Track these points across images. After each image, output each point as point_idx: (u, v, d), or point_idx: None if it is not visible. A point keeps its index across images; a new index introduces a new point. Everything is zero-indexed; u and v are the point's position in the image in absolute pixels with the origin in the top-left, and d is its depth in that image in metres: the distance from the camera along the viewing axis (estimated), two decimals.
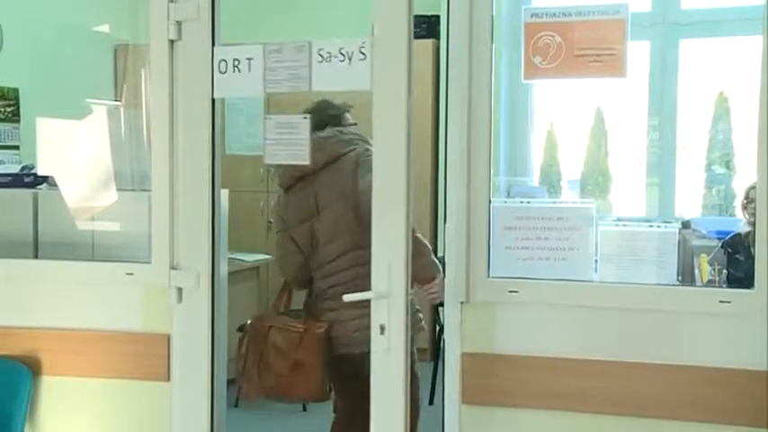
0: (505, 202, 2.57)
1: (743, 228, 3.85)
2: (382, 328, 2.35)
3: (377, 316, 2.36)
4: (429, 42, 6.05)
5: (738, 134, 5.72)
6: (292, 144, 2.53)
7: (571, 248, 2.52)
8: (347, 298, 2.39)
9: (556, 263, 2.53)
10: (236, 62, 2.52)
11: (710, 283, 3.12)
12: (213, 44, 2.60)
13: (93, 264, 2.90)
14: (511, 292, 2.51)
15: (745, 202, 3.90)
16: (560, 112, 5.57)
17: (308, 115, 2.57)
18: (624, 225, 2.56)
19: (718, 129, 5.79)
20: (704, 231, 3.48)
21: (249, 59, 2.50)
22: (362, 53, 2.36)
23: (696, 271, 2.93)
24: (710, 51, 5.00)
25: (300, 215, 3.14)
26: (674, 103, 4.53)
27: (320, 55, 2.42)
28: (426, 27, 6.07)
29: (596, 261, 2.52)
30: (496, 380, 2.52)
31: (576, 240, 2.51)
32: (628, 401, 2.44)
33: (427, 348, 5.49)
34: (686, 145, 5.35)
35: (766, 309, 2.32)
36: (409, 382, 2.37)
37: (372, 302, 2.35)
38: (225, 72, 2.54)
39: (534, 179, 5.26)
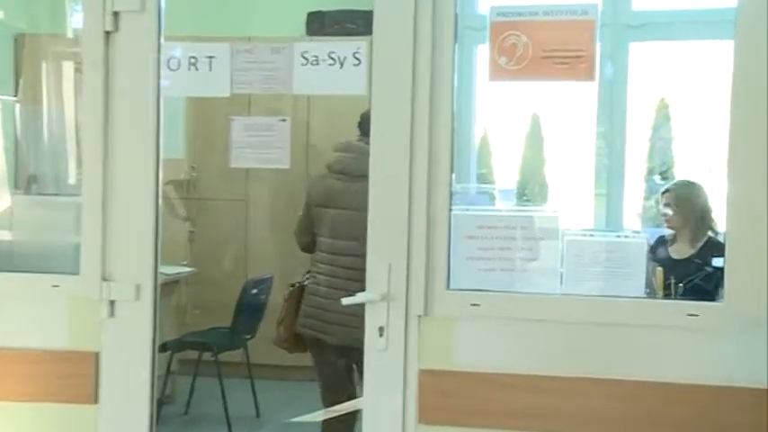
0: (467, 210, 2.57)
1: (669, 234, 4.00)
2: (381, 330, 2.44)
3: (375, 318, 2.45)
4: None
5: (679, 143, 5.89)
6: (268, 147, 2.53)
7: (535, 259, 2.55)
8: (345, 302, 2.49)
9: (519, 274, 2.56)
10: (193, 60, 2.51)
11: (667, 296, 3.21)
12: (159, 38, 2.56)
13: (13, 275, 2.81)
14: (472, 305, 2.53)
15: (664, 206, 4.05)
16: (496, 116, 5.64)
17: (287, 118, 2.60)
18: (591, 235, 2.60)
19: (658, 137, 5.96)
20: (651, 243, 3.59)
21: (210, 58, 2.50)
22: (357, 58, 2.47)
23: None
24: (658, 55, 5.14)
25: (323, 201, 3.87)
26: (624, 109, 4.64)
27: (304, 58, 2.46)
28: (363, 23, 6.06)
29: (561, 273, 2.55)
30: (455, 398, 2.53)
31: (540, 251, 2.55)
32: (593, 420, 2.48)
33: None
34: (634, 153, 5.48)
35: (735, 322, 2.37)
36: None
37: (368, 304, 2.44)
38: (177, 69, 2.52)
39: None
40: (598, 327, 2.48)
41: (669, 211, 4.03)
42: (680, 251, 3.98)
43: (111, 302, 2.66)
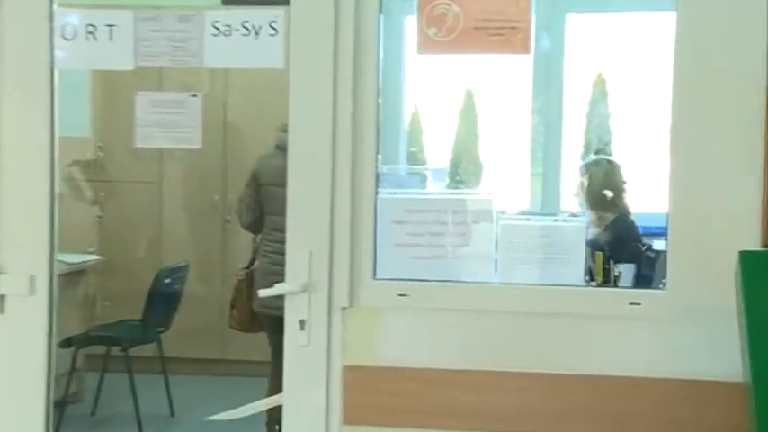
0: (395, 193, 2.52)
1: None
2: (302, 324, 2.41)
3: (295, 310, 2.42)
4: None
5: (616, 119, 5.91)
6: (178, 125, 2.45)
7: (468, 246, 2.52)
8: (262, 293, 2.48)
9: (451, 262, 2.52)
10: (92, 28, 2.40)
11: (605, 282, 3.20)
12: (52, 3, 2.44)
13: None
14: (400, 295, 2.49)
15: (580, 183, 4.10)
16: (427, 92, 5.59)
17: (197, 93, 2.52)
18: (527, 219, 2.57)
19: (594, 113, 5.96)
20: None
21: (111, 26, 2.39)
22: (273, 28, 2.38)
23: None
24: (595, 27, 5.13)
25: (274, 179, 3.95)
26: (560, 84, 4.61)
27: (216, 27, 2.40)
28: None
29: (496, 260, 2.52)
30: (382, 396, 2.49)
31: (473, 236, 2.51)
32: (530, 417, 2.45)
33: None
34: (572, 131, 5.48)
35: (679, 311, 2.36)
36: None
37: (288, 296, 2.39)
38: (73, 39, 2.40)
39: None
40: (535, 317, 2.46)
41: (577, 187, 4.10)
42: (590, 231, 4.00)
43: (1, 297, 2.54)
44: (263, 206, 4.52)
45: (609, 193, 4.07)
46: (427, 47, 2.46)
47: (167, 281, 5.40)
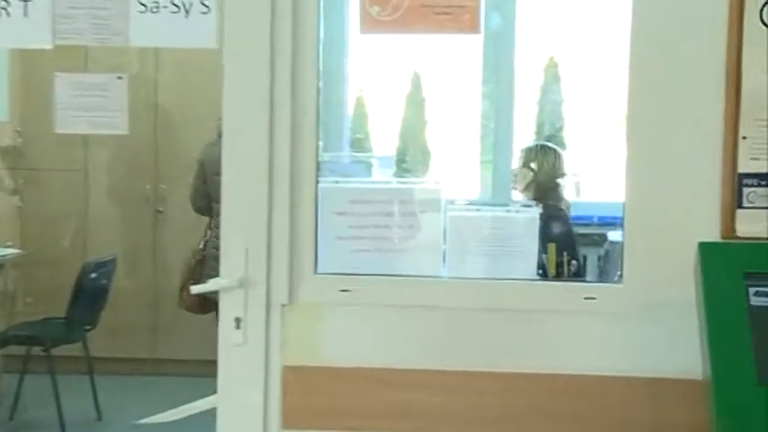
0: (336, 182, 2.49)
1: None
2: (238, 322, 2.39)
3: (231, 307, 2.39)
4: None
5: (569, 105, 5.95)
6: (102, 109, 2.40)
7: (415, 238, 2.50)
8: (195, 290, 2.48)
9: (397, 255, 2.51)
10: (4, 3, 2.33)
11: (560, 275, 3.21)
12: None
13: None
14: (342, 291, 2.46)
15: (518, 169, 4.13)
16: (372, 75, 5.56)
17: (123, 75, 2.47)
18: (477, 210, 2.56)
19: (546, 99, 6.00)
20: None
21: (25, 1, 2.32)
22: (205, 5, 2.35)
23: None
24: (548, 7, 5.14)
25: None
26: (511, 67, 4.62)
27: (142, 4, 2.35)
28: None
29: (444, 253, 2.51)
30: (324, 398, 2.47)
31: (421, 228, 2.50)
32: (480, 419, 2.44)
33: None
34: (524, 117, 5.49)
35: (635, 305, 2.36)
36: None
37: (222, 292, 2.37)
38: None
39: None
40: (485, 313, 2.44)
41: (518, 172, 4.13)
42: None
43: None
44: (211, 195, 4.70)
45: (552, 183, 4.09)
46: (371, 26, 2.43)
47: (94, 276, 5.32)
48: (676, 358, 2.31)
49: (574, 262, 3.39)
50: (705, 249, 2.15)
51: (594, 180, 5.85)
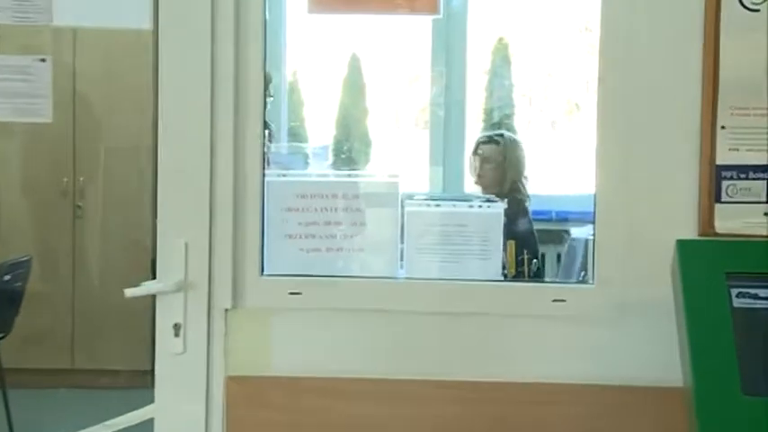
0: (284, 175, 2.47)
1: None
2: (177, 328, 2.37)
3: (169, 312, 2.38)
4: None
5: (520, 90, 5.98)
6: (23, 95, 2.33)
7: (370, 236, 2.50)
8: (129, 293, 2.40)
9: (351, 255, 2.51)
10: None
11: (519, 275, 3.23)
12: None
13: None
14: (292, 293, 2.45)
15: (476, 160, 4.14)
16: (307, 57, 5.54)
17: (47, 57, 2.42)
18: (437, 205, 2.55)
19: (496, 83, 6.02)
20: None
21: None
22: None
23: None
24: None
25: None
26: (463, 49, 4.61)
27: None
28: None
29: (402, 252, 2.51)
30: (273, 411, 2.45)
31: (377, 226, 2.50)
32: (442, 430, 2.44)
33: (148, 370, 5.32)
34: (476, 103, 5.50)
35: (609, 308, 2.38)
36: None
37: (159, 296, 2.35)
38: None
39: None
40: (446, 317, 2.44)
41: (484, 167, 4.14)
42: None
43: None
44: None
45: (519, 176, 4.10)
46: (320, 6, 2.42)
47: (6, 278, 5.24)
48: (652, 365, 2.33)
49: (535, 261, 3.40)
50: (684, 247, 2.15)
51: (548, 172, 5.89)
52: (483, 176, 4.16)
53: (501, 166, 4.12)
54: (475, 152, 4.24)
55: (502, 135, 4.43)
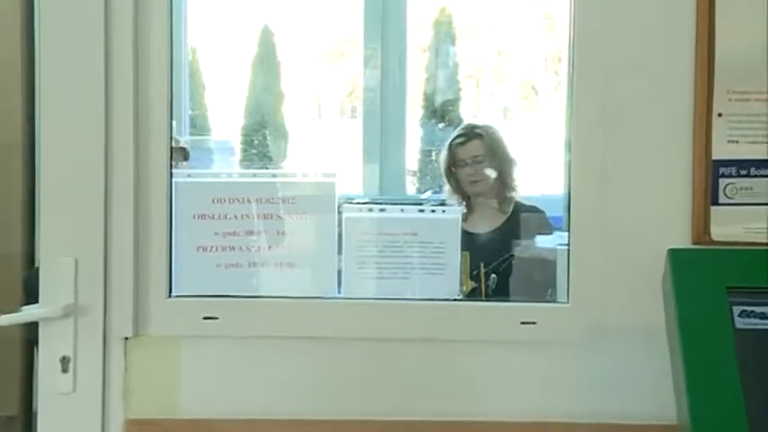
0: (189, 176, 2.48)
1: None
2: (65, 362, 2.38)
3: (54, 343, 2.41)
4: None
5: (465, 71, 6.02)
6: None
7: (302, 248, 2.52)
8: (4, 321, 2.40)
9: (277, 271, 2.53)
10: None
11: (475, 292, 3.26)
12: None
13: None
14: (206, 318, 2.46)
15: (450, 167, 4.15)
16: (210, 32, 5.52)
17: None
18: (382, 210, 2.57)
19: (438, 63, 6.05)
20: None
21: None
22: None
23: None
24: None
25: None
26: (403, 21, 4.62)
27: None
28: None
29: (340, 266, 2.54)
30: None
31: (309, 235, 2.52)
32: None
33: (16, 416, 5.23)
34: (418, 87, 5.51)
35: (587, 331, 2.41)
36: None
37: (42, 324, 2.35)
38: None
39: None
40: (393, 345, 2.46)
41: (478, 170, 4.13)
42: (481, 222, 4.05)
43: None
44: None
45: (507, 170, 4.12)
46: None
47: None
48: (640, 399, 2.37)
49: (493, 276, 3.43)
50: (676, 258, 2.18)
51: None
52: (480, 180, 4.15)
53: (494, 165, 4.12)
54: (454, 162, 4.19)
55: (485, 128, 4.42)
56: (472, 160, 4.14)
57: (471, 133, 4.30)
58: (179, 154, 3.71)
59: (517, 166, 4.17)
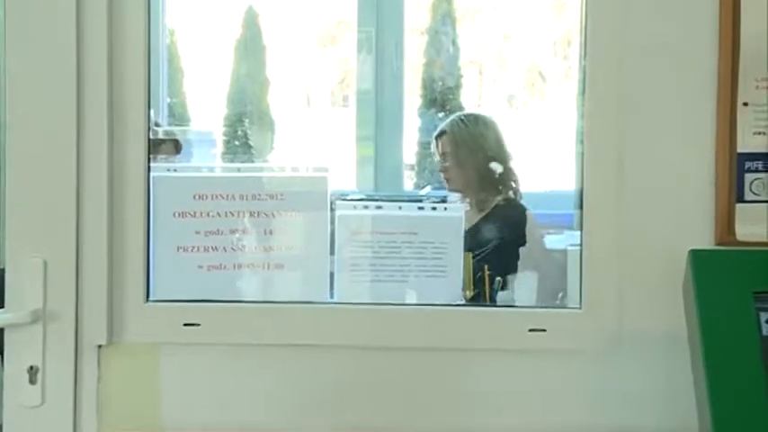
0: (174, 170, 2.49)
1: None
2: (33, 373, 2.39)
3: (21, 352, 2.41)
4: None
5: (467, 56, 6.03)
6: None
7: (292, 248, 2.52)
8: None
9: (264, 273, 2.54)
10: None
11: (478, 295, 3.26)
12: None
13: None
14: (187, 325, 2.46)
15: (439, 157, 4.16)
16: (189, 13, 5.52)
17: None
18: (377, 207, 2.57)
19: (437, 48, 6.05)
20: None
21: None
22: None
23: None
24: None
25: None
26: (400, 5, 4.64)
27: None
28: None
29: (333, 269, 2.55)
30: None
31: (299, 235, 2.52)
32: None
33: None
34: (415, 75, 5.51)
35: (601, 338, 2.41)
36: None
37: (8, 331, 2.36)
38: None
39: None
40: (390, 354, 2.47)
41: (446, 167, 4.14)
42: (468, 217, 4.07)
43: None
44: None
45: (496, 167, 4.12)
46: None
47: None
48: (658, 411, 2.38)
49: (498, 279, 3.43)
50: (698, 260, 2.18)
51: None
52: (449, 174, 4.15)
53: (468, 159, 4.12)
54: (439, 145, 4.21)
55: (463, 119, 4.42)
56: (442, 157, 4.17)
57: (443, 128, 4.33)
58: (170, 146, 3.70)
59: (504, 163, 4.16)
